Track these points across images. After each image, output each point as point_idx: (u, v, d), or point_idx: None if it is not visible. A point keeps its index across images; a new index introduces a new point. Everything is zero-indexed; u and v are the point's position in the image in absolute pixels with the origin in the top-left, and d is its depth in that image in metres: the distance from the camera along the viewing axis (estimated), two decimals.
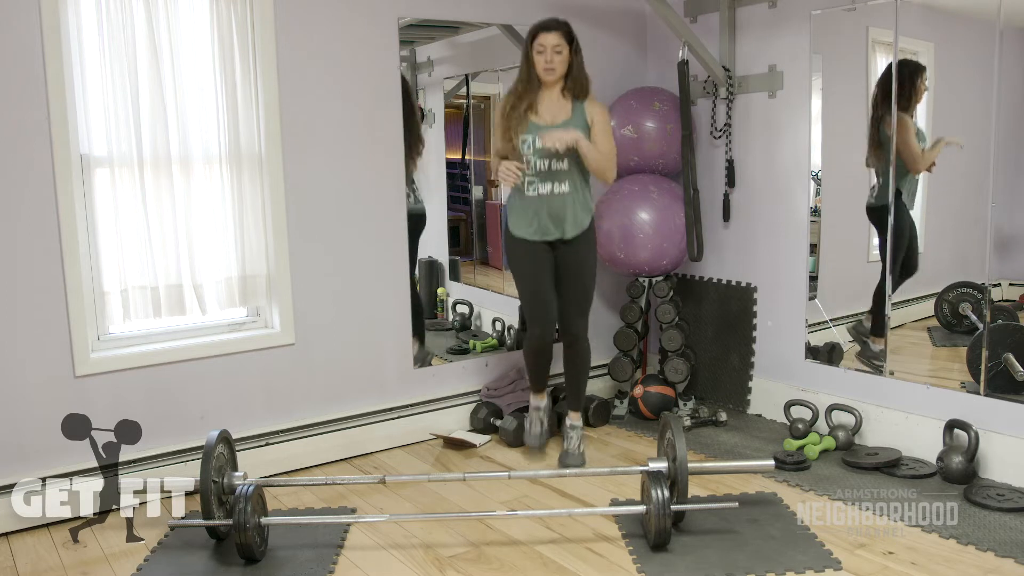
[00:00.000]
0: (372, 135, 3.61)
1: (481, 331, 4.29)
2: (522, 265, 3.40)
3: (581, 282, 3.40)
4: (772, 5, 3.77)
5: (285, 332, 3.48)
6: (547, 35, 3.21)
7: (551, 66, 3.22)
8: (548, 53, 3.21)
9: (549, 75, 3.24)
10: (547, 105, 3.30)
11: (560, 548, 2.76)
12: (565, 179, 3.28)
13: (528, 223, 3.33)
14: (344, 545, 2.81)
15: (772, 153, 3.86)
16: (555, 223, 3.31)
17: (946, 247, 3.54)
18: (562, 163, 3.26)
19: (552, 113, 3.30)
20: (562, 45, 3.21)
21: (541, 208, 3.30)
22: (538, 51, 3.22)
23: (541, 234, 3.33)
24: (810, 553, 2.64)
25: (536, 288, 3.39)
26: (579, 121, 3.28)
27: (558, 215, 3.30)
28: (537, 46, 3.22)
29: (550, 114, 3.30)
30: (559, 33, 3.21)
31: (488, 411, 3.88)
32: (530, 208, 3.32)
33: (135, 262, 3.21)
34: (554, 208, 3.29)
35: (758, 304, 4.01)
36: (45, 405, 3.00)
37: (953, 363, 3.43)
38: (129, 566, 2.71)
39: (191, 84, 3.23)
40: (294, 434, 3.52)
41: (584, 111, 3.30)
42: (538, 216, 3.31)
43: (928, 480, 3.17)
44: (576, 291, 3.40)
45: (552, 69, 3.23)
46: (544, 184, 3.28)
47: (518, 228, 3.36)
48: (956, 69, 3.38)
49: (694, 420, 3.90)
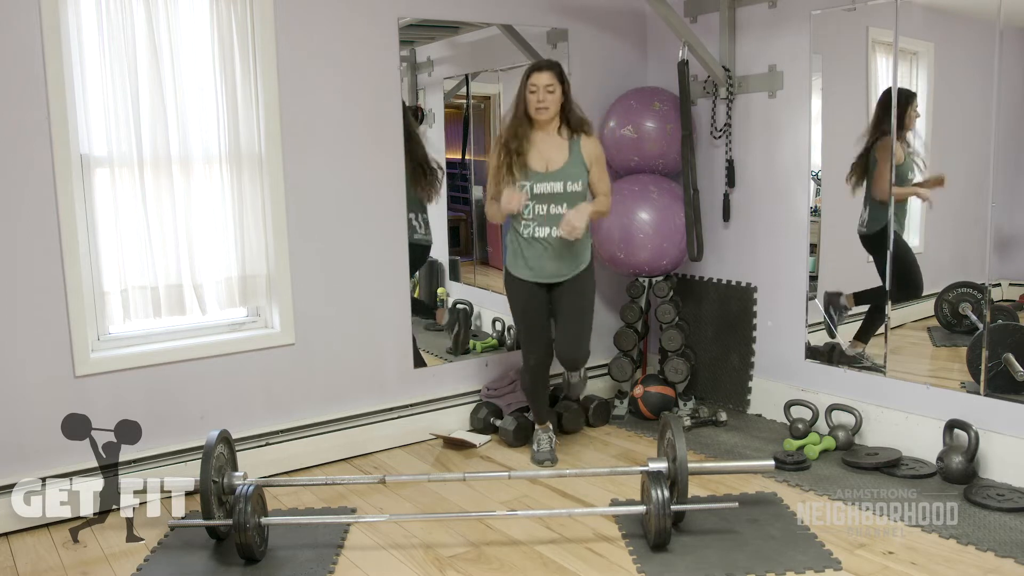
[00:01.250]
0: (372, 135, 3.61)
1: (481, 331, 4.29)
2: (519, 304, 3.45)
3: (581, 317, 3.43)
4: (772, 5, 3.77)
5: (285, 332, 3.48)
6: (539, 75, 3.25)
7: (543, 105, 3.25)
8: (540, 92, 3.24)
9: (542, 114, 3.26)
10: (543, 146, 3.30)
11: (560, 548, 2.76)
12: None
13: (526, 265, 3.36)
14: (344, 545, 2.81)
15: (772, 153, 3.86)
16: (553, 266, 3.34)
17: (946, 247, 3.54)
18: (560, 207, 3.27)
19: (548, 155, 3.30)
20: (554, 84, 3.25)
21: (539, 251, 3.32)
22: (531, 91, 3.26)
23: (539, 276, 3.36)
24: (810, 553, 2.64)
25: (530, 326, 3.44)
26: (576, 162, 3.30)
27: (557, 258, 3.33)
28: (530, 86, 3.26)
29: (546, 157, 3.29)
30: (551, 73, 3.25)
31: (488, 411, 3.88)
32: (528, 251, 3.34)
33: (135, 262, 3.21)
34: (552, 252, 3.32)
35: (758, 304, 4.01)
36: (45, 405, 3.00)
37: (953, 363, 3.43)
38: (129, 566, 2.71)
39: (191, 84, 3.23)
40: (294, 434, 3.52)
41: (581, 151, 3.31)
42: (537, 259, 3.33)
43: (928, 480, 3.17)
44: (575, 325, 3.43)
45: (545, 108, 3.25)
46: (542, 228, 3.30)
47: (516, 268, 3.40)
48: (956, 69, 3.38)
49: (694, 420, 3.90)
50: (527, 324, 3.45)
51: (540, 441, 3.58)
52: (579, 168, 3.30)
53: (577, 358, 3.49)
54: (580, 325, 3.43)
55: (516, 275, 3.40)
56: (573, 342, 3.44)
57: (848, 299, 3.68)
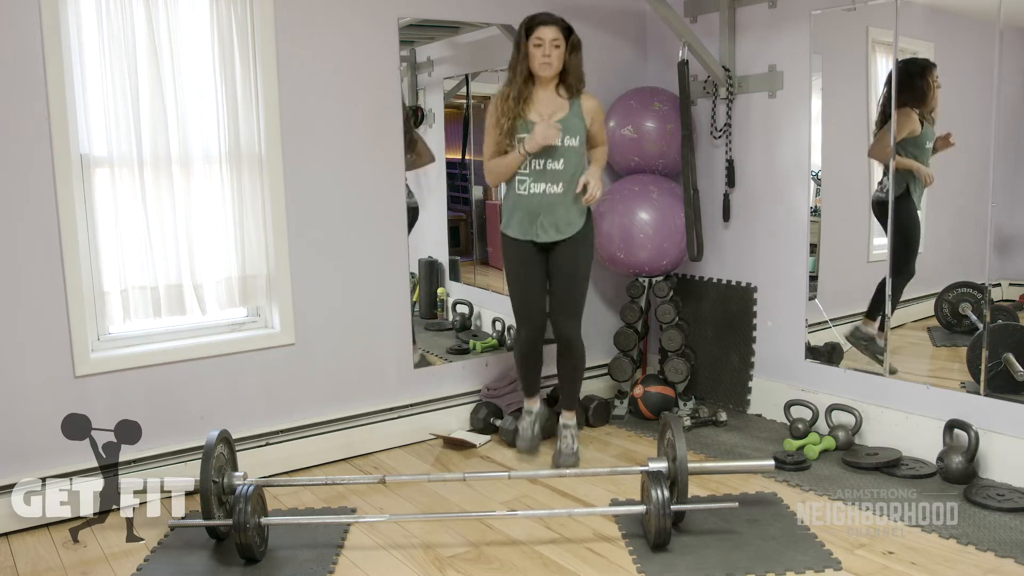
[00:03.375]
0: (372, 135, 3.61)
1: (481, 331, 4.29)
2: (513, 267, 3.37)
3: (573, 284, 3.34)
4: (772, 5, 3.77)
5: (285, 332, 3.48)
6: (545, 28, 3.13)
7: (548, 60, 3.14)
8: (546, 47, 3.13)
9: (546, 70, 3.16)
10: (542, 103, 3.23)
11: (560, 548, 2.76)
12: (559, 180, 3.22)
13: (519, 222, 3.29)
14: (344, 545, 2.81)
15: (772, 153, 3.86)
16: (546, 224, 3.26)
17: (946, 247, 3.54)
18: (557, 163, 3.20)
19: (548, 109, 3.23)
20: (560, 39, 3.14)
21: (532, 207, 3.25)
22: (535, 44, 3.14)
23: (531, 234, 3.28)
24: (810, 553, 2.64)
25: (525, 292, 3.35)
26: (575, 119, 3.23)
27: (549, 216, 3.25)
28: (535, 39, 3.13)
29: (545, 111, 3.22)
30: (557, 27, 3.14)
31: (488, 411, 3.88)
32: (521, 207, 3.27)
33: (135, 262, 3.20)
34: (545, 208, 3.24)
35: (758, 304, 4.01)
36: (45, 405, 3.00)
37: (953, 363, 3.43)
38: (129, 566, 2.71)
39: (191, 84, 3.23)
40: (294, 434, 3.52)
41: (580, 109, 3.25)
42: (528, 215, 3.26)
43: (928, 480, 3.17)
44: (567, 292, 3.34)
45: (549, 64, 3.15)
46: (537, 183, 3.23)
47: (508, 226, 3.33)
48: (956, 69, 3.38)
49: (694, 420, 3.90)
50: (520, 289, 3.33)
51: (523, 424, 3.50)
52: (578, 122, 3.21)
53: (571, 334, 3.36)
54: (572, 286, 3.31)
55: (510, 235, 3.31)
56: (565, 304, 3.33)
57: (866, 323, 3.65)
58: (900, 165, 3.40)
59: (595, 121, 3.29)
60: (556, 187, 3.23)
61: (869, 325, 3.58)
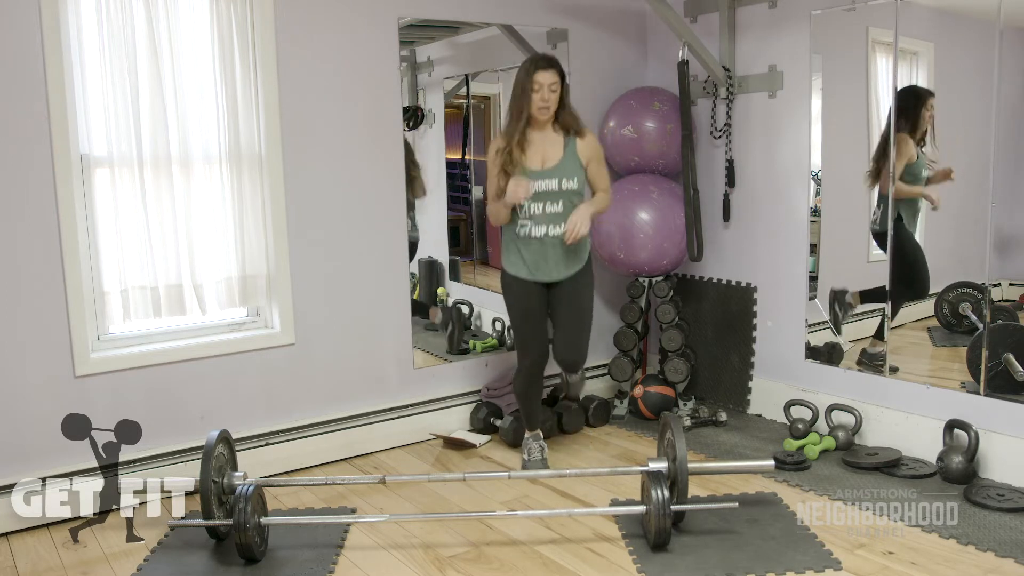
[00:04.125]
0: (372, 135, 3.61)
1: (481, 331, 4.29)
2: (519, 302, 3.38)
3: (580, 317, 3.38)
4: (772, 5, 3.77)
5: (285, 332, 3.48)
6: (544, 73, 3.18)
7: (546, 104, 3.20)
8: (544, 91, 3.18)
9: (544, 113, 3.21)
10: (538, 143, 3.25)
11: (560, 548, 2.76)
12: (560, 222, 3.24)
13: (523, 264, 3.31)
14: (344, 545, 2.81)
15: (772, 153, 3.86)
16: (550, 266, 3.29)
17: (946, 246, 3.54)
18: (556, 206, 3.22)
19: (544, 152, 3.25)
20: (557, 83, 3.20)
21: (535, 251, 3.28)
22: (535, 89, 3.19)
23: (535, 275, 3.31)
24: (810, 553, 2.64)
25: (527, 326, 3.38)
26: (571, 160, 3.25)
27: (553, 258, 3.28)
28: (534, 84, 3.19)
29: (542, 154, 3.25)
30: (555, 71, 3.20)
31: (488, 411, 3.88)
32: (524, 250, 3.30)
33: (135, 262, 3.21)
34: (548, 251, 3.27)
35: (758, 304, 4.01)
36: (45, 405, 3.00)
37: (953, 363, 3.43)
38: (129, 566, 2.71)
39: (191, 84, 3.23)
40: (294, 434, 3.52)
41: (576, 149, 3.26)
42: (533, 258, 3.29)
43: (928, 480, 3.17)
44: (574, 325, 3.38)
45: (547, 108, 3.21)
46: (538, 226, 3.25)
47: (512, 267, 3.35)
48: (956, 69, 3.38)
49: (694, 420, 3.90)
50: (524, 325, 3.39)
51: (531, 449, 3.52)
52: (574, 165, 3.25)
53: (576, 360, 3.45)
54: (579, 325, 3.39)
55: (513, 274, 3.35)
56: (571, 343, 3.40)
57: (854, 297, 3.67)
58: (901, 193, 3.40)
59: (592, 160, 3.29)
60: (557, 228, 3.25)
61: (877, 346, 3.58)
